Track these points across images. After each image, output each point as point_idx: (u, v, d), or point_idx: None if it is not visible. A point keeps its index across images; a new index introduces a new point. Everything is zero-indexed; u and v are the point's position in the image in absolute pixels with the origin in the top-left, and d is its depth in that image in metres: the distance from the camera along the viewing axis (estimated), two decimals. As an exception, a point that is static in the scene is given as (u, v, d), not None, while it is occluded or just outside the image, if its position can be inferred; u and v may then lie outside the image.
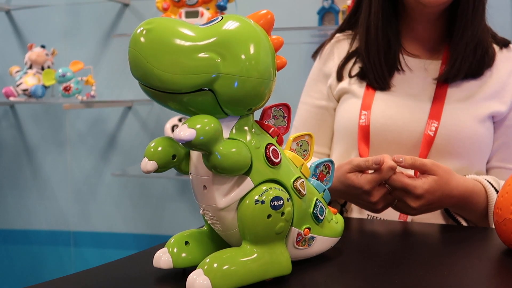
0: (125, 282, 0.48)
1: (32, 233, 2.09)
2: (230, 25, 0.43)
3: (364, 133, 0.87)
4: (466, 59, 0.86)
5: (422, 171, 0.73)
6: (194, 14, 1.54)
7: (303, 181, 0.49)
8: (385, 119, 0.87)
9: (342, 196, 0.81)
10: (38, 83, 1.72)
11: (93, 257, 2.03)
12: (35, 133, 2.05)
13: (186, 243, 0.50)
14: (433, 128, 0.84)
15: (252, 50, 0.42)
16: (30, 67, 1.75)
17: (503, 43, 0.93)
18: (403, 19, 0.92)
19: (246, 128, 0.46)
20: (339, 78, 0.94)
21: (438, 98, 0.87)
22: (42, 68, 1.76)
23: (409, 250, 0.62)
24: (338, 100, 0.96)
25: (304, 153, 0.54)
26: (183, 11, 1.55)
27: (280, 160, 0.47)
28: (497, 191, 0.80)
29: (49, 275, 2.01)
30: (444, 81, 0.88)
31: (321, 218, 0.52)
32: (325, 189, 0.54)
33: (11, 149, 2.08)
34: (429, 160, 0.74)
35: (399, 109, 0.87)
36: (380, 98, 0.89)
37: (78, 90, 1.66)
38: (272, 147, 0.46)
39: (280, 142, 0.49)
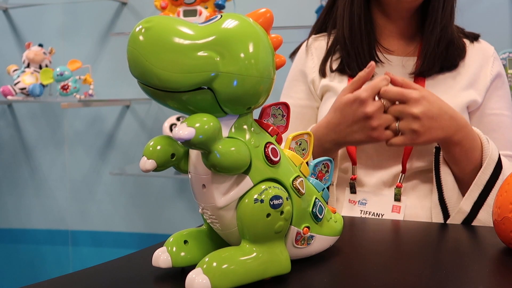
0: (124, 281, 0.48)
1: (30, 232, 2.09)
2: (229, 23, 0.42)
3: None
4: (439, 55, 0.89)
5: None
6: (192, 13, 1.54)
7: (302, 180, 0.49)
8: None
9: (338, 130, 0.79)
10: (36, 82, 1.72)
11: (92, 256, 2.02)
12: (33, 132, 2.05)
13: (185, 242, 0.50)
14: None
15: (251, 49, 0.42)
16: (28, 66, 1.75)
17: (473, 37, 0.96)
18: (378, 17, 0.94)
19: (245, 127, 0.46)
20: (323, 74, 0.95)
21: None
22: (40, 67, 1.76)
23: (408, 248, 0.62)
24: (321, 98, 0.97)
25: (303, 152, 0.54)
26: (181, 9, 1.54)
27: (279, 159, 0.47)
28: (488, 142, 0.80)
29: (47, 274, 2.00)
30: (421, 75, 0.90)
31: (320, 217, 0.52)
32: (324, 188, 0.54)
33: (9, 148, 2.07)
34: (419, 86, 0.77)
35: None
36: None
37: (76, 89, 1.66)
38: (271, 146, 0.46)
39: (279, 141, 0.49)
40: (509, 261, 0.55)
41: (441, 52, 0.89)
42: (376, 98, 0.77)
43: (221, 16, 0.44)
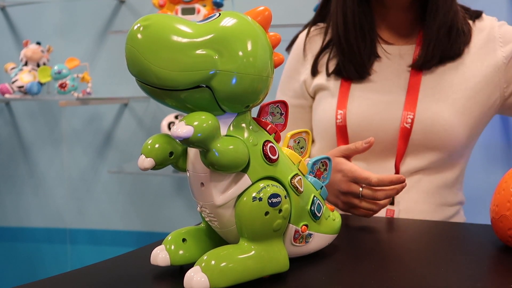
0: (122, 279, 0.48)
1: (28, 230, 2.08)
2: (228, 21, 0.42)
3: (342, 132, 0.86)
4: (440, 42, 0.84)
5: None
6: (191, 11, 1.54)
7: (300, 178, 0.49)
8: (360, 119, 0.86)
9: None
10: (34, 80, 1.71)
11: (90, 255, 2.02)
12: (31, 130, 2.04)
13: (184, 240, 0.50)
14: (409, 120, 0.83)
15: (249, 47, 0.42)
16: (26, 64, 1.75)
17: (476, 15, 0.90)
18: (376, 7, 0.90)
19: (243, 125, 0.46)
20: (314, 73, 0.93)
21: (413, 87, 0.85)
22: (38, 65, 1.75)
23: (406, 246, 0.62)
24: (313, 97, 0.95)
25: (301, 150, 0.54)
26: (179, 7, 1.54)
27: (278, 157, 0.47)
28: None
29: (45, 273, 2.00)
30: (419, 68, 0.86)
31: (319, 215, 0.52)
32: (322, 186, 0.54)
33: (6, 147, 2.07)
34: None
35: (374, 107, 0.86)
36: (355, 96, 0.87)
37: (74, 87, 1.65)
38: (270, 144, 0.46)
39: (277, 139, 0.49)
40: (506, 258, 0.56)
41: (442, 41, 0.84)
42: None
43: (219, 14, 0.44)
